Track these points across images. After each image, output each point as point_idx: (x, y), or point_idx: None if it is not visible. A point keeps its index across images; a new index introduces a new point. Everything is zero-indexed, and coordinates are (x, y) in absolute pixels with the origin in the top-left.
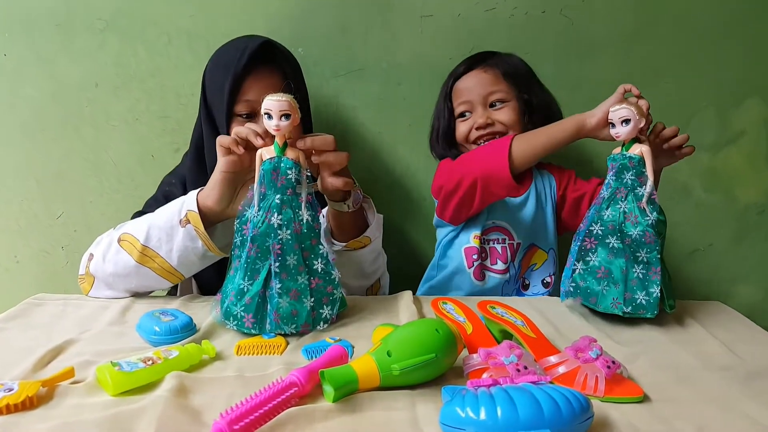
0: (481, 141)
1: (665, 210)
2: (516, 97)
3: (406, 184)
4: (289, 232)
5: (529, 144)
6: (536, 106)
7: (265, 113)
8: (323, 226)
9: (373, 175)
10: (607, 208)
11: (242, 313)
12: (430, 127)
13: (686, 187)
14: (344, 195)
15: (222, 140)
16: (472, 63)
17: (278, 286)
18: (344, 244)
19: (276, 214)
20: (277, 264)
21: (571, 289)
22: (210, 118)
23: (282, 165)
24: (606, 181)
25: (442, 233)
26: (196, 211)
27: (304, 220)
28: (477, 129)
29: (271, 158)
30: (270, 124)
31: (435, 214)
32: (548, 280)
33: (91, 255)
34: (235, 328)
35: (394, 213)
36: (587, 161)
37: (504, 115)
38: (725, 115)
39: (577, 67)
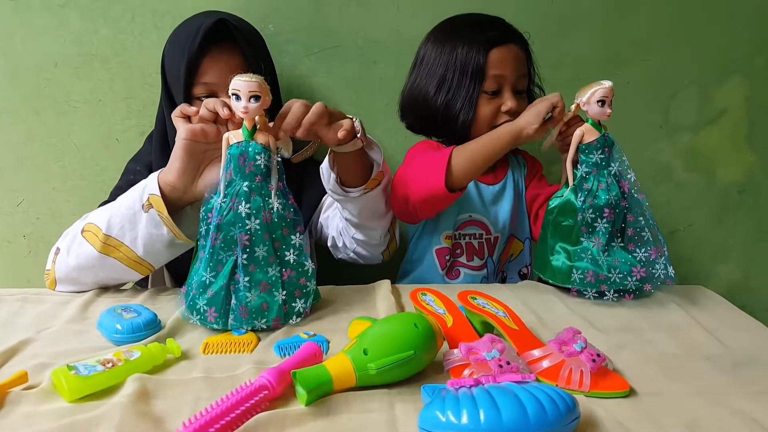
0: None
1: (647, 191)
2: (527, 89)
3: None
4: (257, 221)
5: (468, 160)
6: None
7: (232, 94)
8: (331, 177)
9: None
10: (608, 187)
11: (205, 307)
12: (404, 92)
13: (667, 167)
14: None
15: (175, 111)
16: (507, 34)
17: (245, 279)
18: (363, 187)
19: (243, 203)
20: (245, 256)
21: (580, 277)
22: (171, 101)
23: (250, 150)
24: (609, 162)
25: (410, 229)
26: (158, 194)
27: (275, 209)
28: (507, 113)
29: (238, 142)
30: (238, 106)
31: None
32: (525, 270)
33: (58, 249)
34: (198, 323)
35: None
36: None
37: (524, 108)
38: (707, 94)
39: (558, 44)
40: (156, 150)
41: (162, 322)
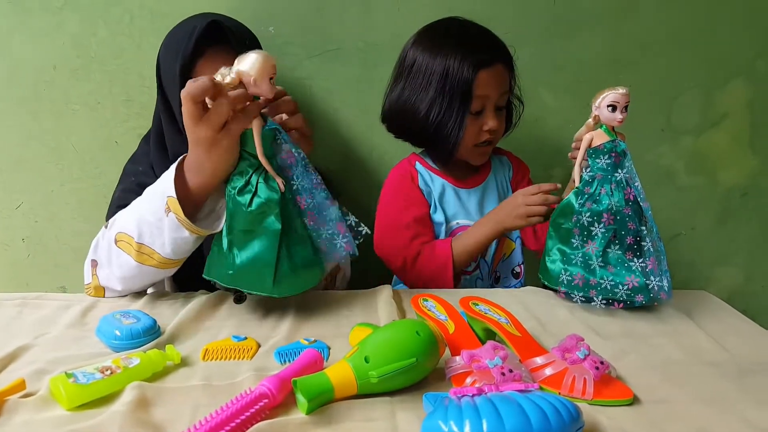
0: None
1: (649, 194)
2: (506, 104)
3: (382, 170)
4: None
5: (466, 254)
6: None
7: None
8: None
9: (349, 161)
10: (611, 193)
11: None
12: (389, 98)
13: (669, 170)
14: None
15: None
16: (494, 54)
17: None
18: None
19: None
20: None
21: (568, 279)
22: (166, 103)
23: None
24: (616, 169)
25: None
26: (174, 195)
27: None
28: (488, 132)
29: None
30: None
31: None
32: (518, 270)
33: (94, 261)
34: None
35: (371, 200)
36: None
37: (502, 123)
38: (710, 97)
39: (561, 47)
40: (154, 151)
41: (161, 328)
